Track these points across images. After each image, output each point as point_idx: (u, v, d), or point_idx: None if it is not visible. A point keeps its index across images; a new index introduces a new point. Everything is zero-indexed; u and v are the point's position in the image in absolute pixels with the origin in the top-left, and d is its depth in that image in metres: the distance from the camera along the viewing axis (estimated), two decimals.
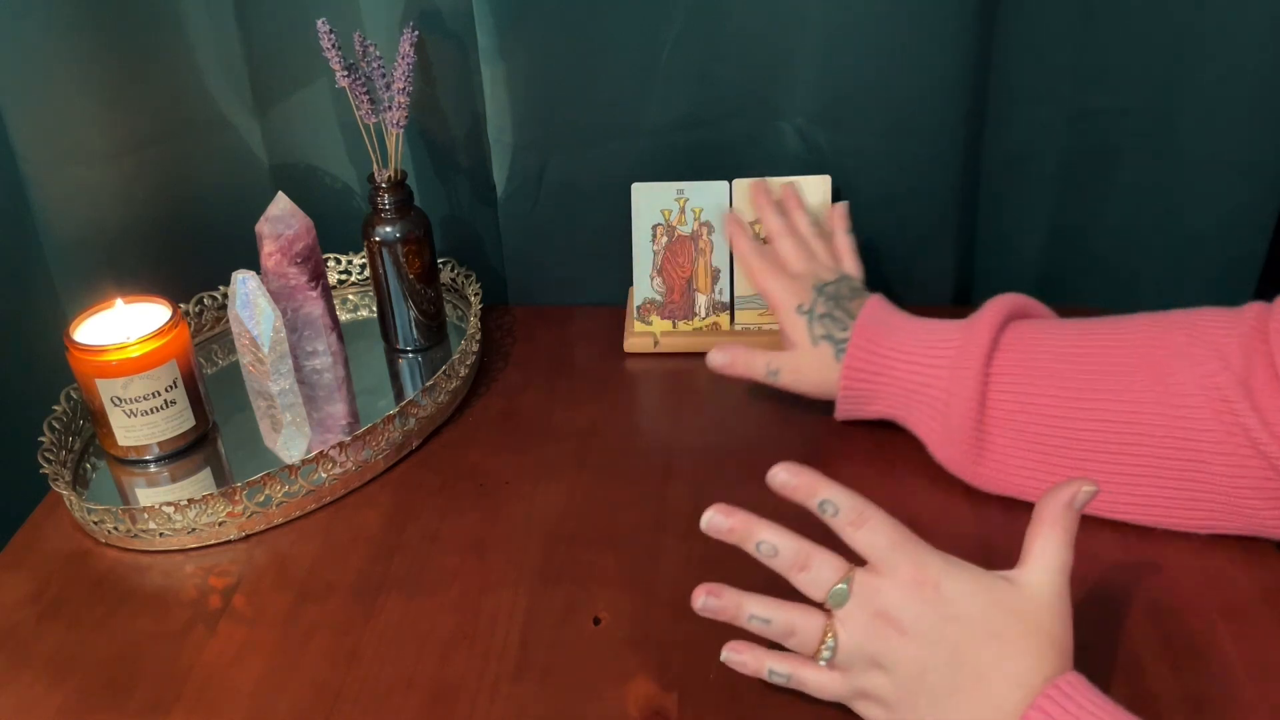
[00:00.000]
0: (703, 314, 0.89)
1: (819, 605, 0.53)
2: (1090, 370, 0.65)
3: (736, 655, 0.56)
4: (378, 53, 0.81)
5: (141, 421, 0.77)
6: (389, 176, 0.84)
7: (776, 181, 0.86)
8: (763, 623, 0.53)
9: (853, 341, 0.72)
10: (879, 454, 0.76)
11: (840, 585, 0.51)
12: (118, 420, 0.77)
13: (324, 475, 0.74)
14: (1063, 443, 0.65)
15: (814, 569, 0.52)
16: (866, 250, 0.91)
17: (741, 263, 0.81)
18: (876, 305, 0.74)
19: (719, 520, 0.54)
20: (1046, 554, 0.51)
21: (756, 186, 0.84)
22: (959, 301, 0.94)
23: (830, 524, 0.52)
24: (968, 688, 0.49)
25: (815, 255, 0.80)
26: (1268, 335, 0.59)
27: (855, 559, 0.53)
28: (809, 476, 0.53)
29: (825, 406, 0.85)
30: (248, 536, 0.73)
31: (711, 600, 0.54)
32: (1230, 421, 0.59)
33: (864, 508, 0.52)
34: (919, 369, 0.70)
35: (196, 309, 0.92)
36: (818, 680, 0.54)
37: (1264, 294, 0.85)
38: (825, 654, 0.52)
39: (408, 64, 0.80)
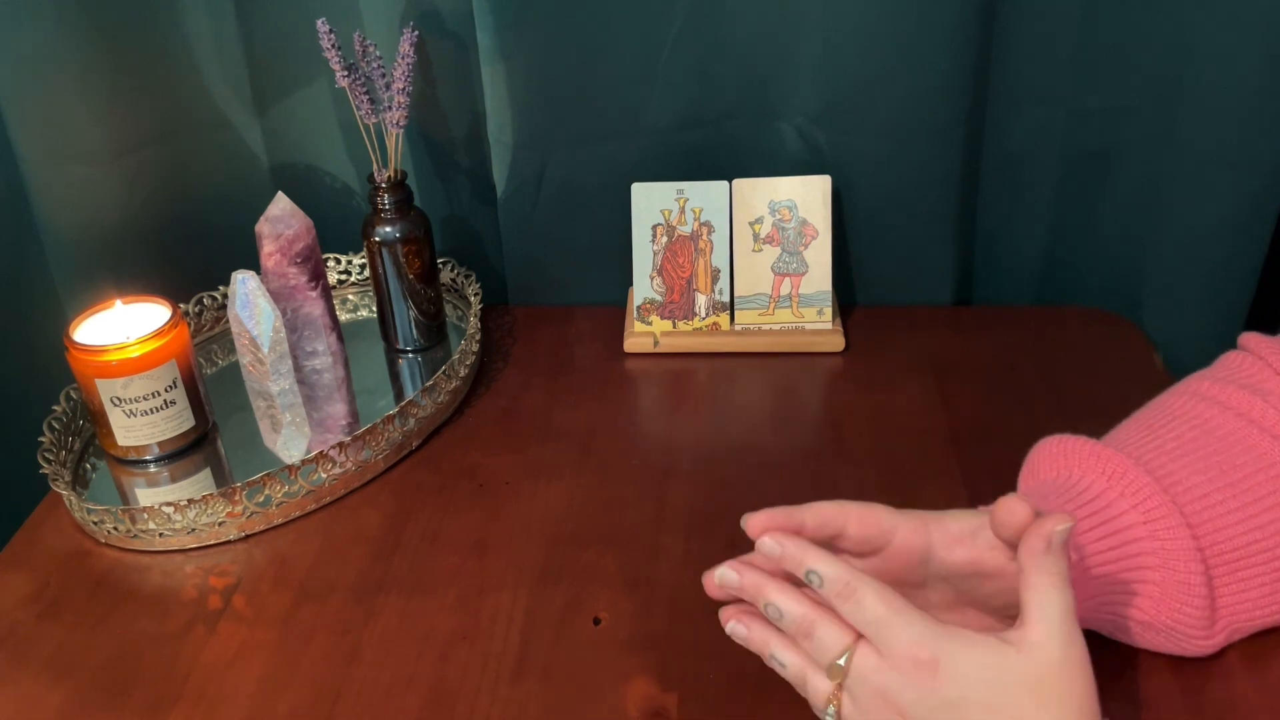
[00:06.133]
0: (703, 314, 0.89)
1: None
2: (1214, 452, 0.57)
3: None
4: (378, 53, 0.81)
5: (141, 421, 0.77)
6: (389, 176, 0.84)
7: (777, 182, 0.86)
8: (780, 665, 0.51)
9: None
10: (877, 452, 0.76)
11: (839, 661, 0.49)
12: (118, 420, 0.77)
13: (324, 475, 0.74)
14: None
15: (816, 639, 0.49)
16: (866, 250, 0.92)
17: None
18: None
19: (731, 577, 0.52)
20: (1044, 606, 0.47)
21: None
22: (959, 301, 0.94)
23: (820, 595, 0.49)
24: None
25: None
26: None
27: None
28: (794, 546, 0.50)
29: (823, 406, 0.85)
30: (247, 536, 0.73)
31: (739, 629, 0.52)
32: None
33: (850, 579, 0.48)
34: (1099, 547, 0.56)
35: (196, 309, 0.92)
36: None
37: (1264, 294, 0.86)
38: (829, 717, 0.50)
39: (408, 64, 0.80)
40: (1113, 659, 0.58)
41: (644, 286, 0.89)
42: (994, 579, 0.53)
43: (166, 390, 0.77)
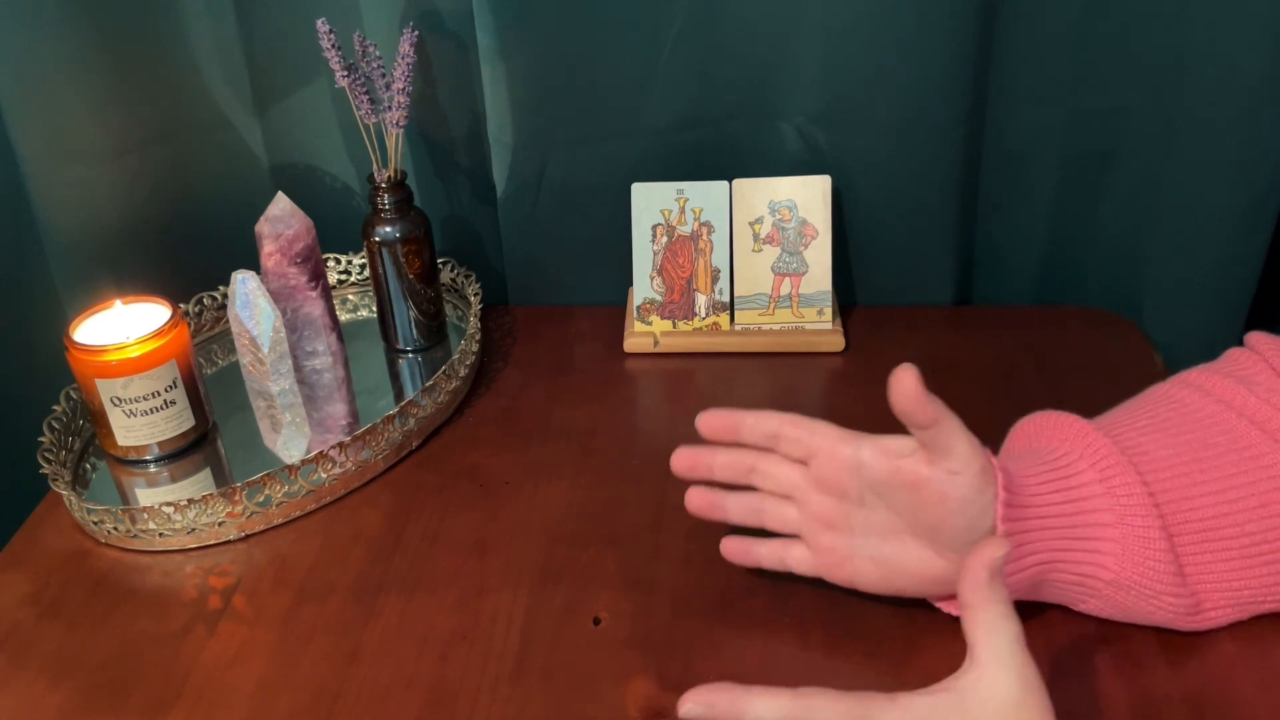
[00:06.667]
0: (703, 314, 0.89)
1: None
2: (1203, 446, 0.58)
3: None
4: (378, 53, 0.81)
5: (141, 421, 0.77)
6: (389, 176, 0.84)
7: (777, 182, 0.86)
8: None
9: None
10: None
11: None
12: (117, 420, 0.77)
13: (324, 475, 0.74)
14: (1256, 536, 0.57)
15: None
16: (866, 250, 0.92)
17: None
18: None
19: (698, 712, 0.49)
20: (991, 640, 0.48)
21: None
22: (959, 301, 0.94)
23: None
24: None
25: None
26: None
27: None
28: (727, 696, 0.48)
29: (823, 406, 0.85)
30: (247, 536, 0.73)
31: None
32: None
33: (798, 709, 0.47)
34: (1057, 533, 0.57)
35: (196, 309, 0.92)
36: None
37: (1264, 294, 0.86)
38: None
39: (408, 64, 0.80)
40: (1113, 657, 0.59)
41: (644, 286, 0.89)
42: (913, 491, 0.56)
43: (166, 390, 0.77)
